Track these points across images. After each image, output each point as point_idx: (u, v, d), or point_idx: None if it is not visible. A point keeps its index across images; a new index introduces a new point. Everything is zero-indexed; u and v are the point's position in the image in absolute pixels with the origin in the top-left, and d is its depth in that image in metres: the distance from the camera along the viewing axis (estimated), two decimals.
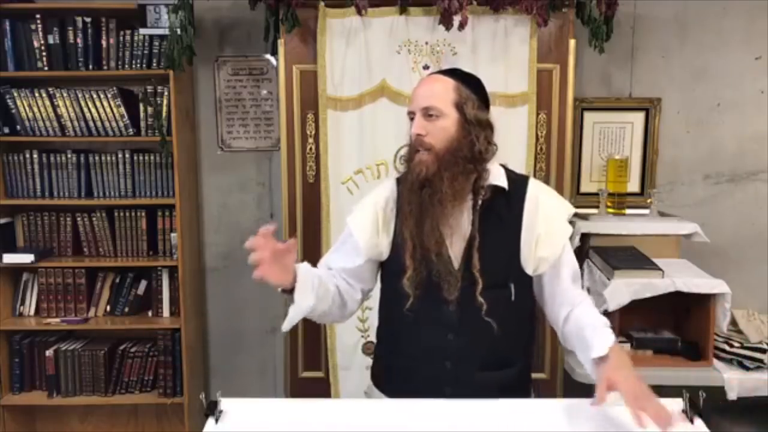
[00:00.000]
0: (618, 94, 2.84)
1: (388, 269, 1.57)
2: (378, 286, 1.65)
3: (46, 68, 2.67)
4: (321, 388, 2.48)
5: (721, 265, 2.68)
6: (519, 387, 1.57)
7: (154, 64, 2.67)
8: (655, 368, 2.33)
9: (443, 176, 1.44)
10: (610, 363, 1.33)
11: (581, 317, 1.48)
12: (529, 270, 1.52)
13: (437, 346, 1.51)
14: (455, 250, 1.49)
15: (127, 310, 2.86)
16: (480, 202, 1.48)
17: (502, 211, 1.50)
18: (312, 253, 2.47)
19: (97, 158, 2.78)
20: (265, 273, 1.36)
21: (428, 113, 1.46)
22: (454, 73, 1.53)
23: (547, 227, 1.51)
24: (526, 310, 1.58)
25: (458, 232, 1.49)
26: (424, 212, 1.45)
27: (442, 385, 1.49)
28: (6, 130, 2.73)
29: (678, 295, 2.28)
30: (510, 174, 1.55)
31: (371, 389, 1.67)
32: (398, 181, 1.58)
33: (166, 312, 2.84)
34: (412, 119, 1.50)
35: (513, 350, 1.57)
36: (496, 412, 1.41)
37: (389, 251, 1.55)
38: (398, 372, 1.57)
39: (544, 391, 2.45)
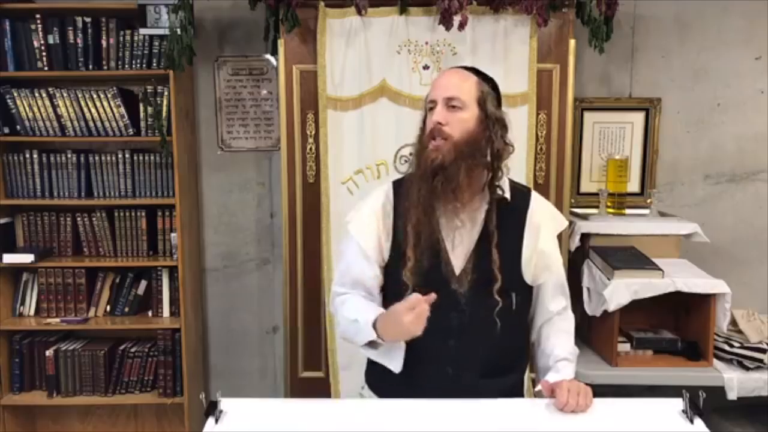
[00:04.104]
0: (618, 94, 2.84)
1: (388, 272, 1.56)
2: None
3: (46, 68, 2.67)
4: (321, 388, 2.47)
5: (721, 265, 2.68)
6: (517, 394, 1.59)
7: (154, 64, 2.66)
8: (655, 368, 2.33)
9: (460, 165, 1.43)
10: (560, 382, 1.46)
11: (548, 342, 1.59)
12: (528, 280, 1.55)
13: (438, 351, 1.51)
14: (457, 254, 1.50)
15: (127, 310, 2.86)
16: (495, 200, 1.49)
17: (505, 222, 1.51)
18: (312, 252, 2.48)
19: (97, 158, 2.78)
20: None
21: (451, 104, 1.46)
22: (473, 70, 1.53)
23: (547, 243, 1.55)
24: (525, 319, 1.62)
25: (469, 225, 1.50)
26: (434, 201, 1.45)
27: (441, 391, 1.47)
28: (6, 130, 2.73)
29: (678, 295, 2.28)
30: (513, 184, 1.56)
31: (368, 393, 1.66)
32: (395, 184, 1.59)
33: (166, 312, 2.83)
34: (431, 109, 1.49)
35: (513, 358, 1.58)
36: (495, 412, 1.42)
37: (389, 255, 1.55)
38: (396, 376, 1.55)
39: None
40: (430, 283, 1.47)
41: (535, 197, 1.59)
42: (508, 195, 1.52)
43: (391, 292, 1.54)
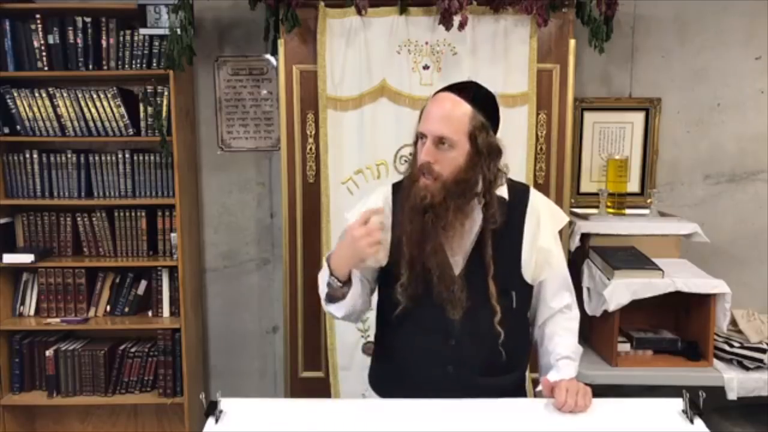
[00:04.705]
0: (618, 94, 2.84)
1: (385, 275, 1.57)
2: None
3: (46, 68, 2.67)
4: (321, 388, 2.48)
5: (721, 265, 2.68)
6: (518, 392, 1.59)
7: (154, 64, 2.66)
8: (655, 368, 2.33)
9: (449, 206, 1.43)
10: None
11: (551, 341, 1.58)
12: (528, 278, 1.54)
13: (439, 350, 1.51)
14: (456, 268, 1.50)
15: (127, 310, 2.86)
16: (490, 228, 1.48)
17: (504, 222, 1.50)
18: (312, 253, 2.48)
19: (97, 158, 2.78)
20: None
21: (441, 142, 1.43)
22: (469, 93, 1.46)
23: (547, 239, 1.54)
24: (525, 317, 1.61)
25: (460, 252, 1.51)
26: (426, 235, 1.45)
27: (443, 389, 1.48)
28: (6, 130, 2.73)
29: (678, 295, 2.28)
30: (510, 183, 1.56)
31: (370, 393, 1.66)
32: (394, 188, 1.59)
33: (166, 312, 2.83)
34: (421, 138, 1.47)
35: (514, 356, 1.58)
36: (496, 412, 1.42)
37: (387, 258, 1.54)
38: (398, 375, 1.57)
39: None
40: (430, 285, 1.47)
41: (534, 194, 1.59)
42: (506, 194, 1.51)
43: (390, 293, 1.54)
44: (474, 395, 1.45)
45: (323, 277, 1.51)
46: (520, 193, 1.57)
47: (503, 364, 1.54)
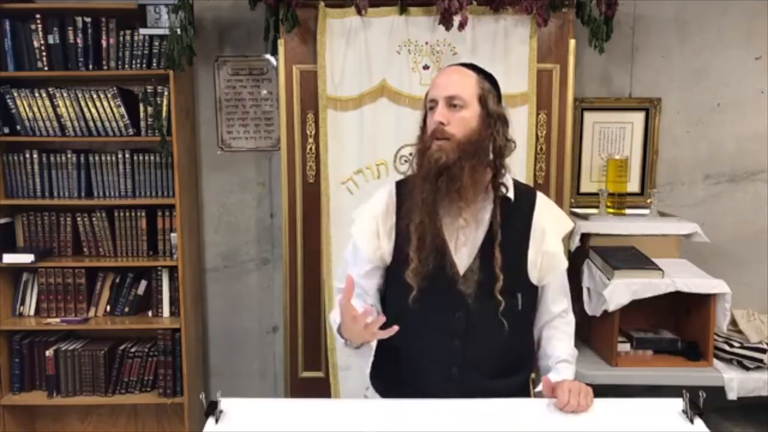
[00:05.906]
0: (618, 94, 2.84)
1: (391, 272, 1.56)
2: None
3: (46, 68, 2.67)
4: (321, 388, 2.48)
5: (721, 265, 2.68)
6: (522, 394, 1.59)
7: (154, 64, 2.67)
8: (655, 368, 2.33)
9: (464, 165, 1.42)
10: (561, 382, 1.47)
11: (549, 344, 1.60)
12: (534, 280, 1.55)
13: (443, 352, 1.51)
14: (461, 254, 1.49)
15: (127, 310, 2.86)
16: (499, 199, 1.49)
17: (510, 223, 1.50)
18: (312, 252, 2.48)
19: (97, 158, 2.78)
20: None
21: (452, 103, 1.44)
22: (473, 68, 1.52)
23: (552, 244, 1.54)
24: (530, 320, 1.61)
25: (468, 236, 1.50)
26: (438, 201, 1.44)
27: (447, 392, 1.47)
28: (6, 130, 2.73)
29: (678, 295, 2.28)
30: (517, 184, 1.56)
31: (371, 392, 1.66)
32: (398, 184, 1.58)
33: (166, 312, 2.84)
34: (431, 108, 1.48)
35: (519, 358, 1.58)
36: (495, 411, 1.42)
37: (391, 256, 1.55)
38: (401, 376, 1.56)
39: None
40: (435, 283, 1.47)
41: (541, 198, 1.59)
42: (511, 194, 1.51)
43: (394, 293, 1.54)
44: (479, 398, 1.44)
45: (340, 342, 1.51)
46: (526, 194, 1.57)
47: (509, 366, 1.54)
